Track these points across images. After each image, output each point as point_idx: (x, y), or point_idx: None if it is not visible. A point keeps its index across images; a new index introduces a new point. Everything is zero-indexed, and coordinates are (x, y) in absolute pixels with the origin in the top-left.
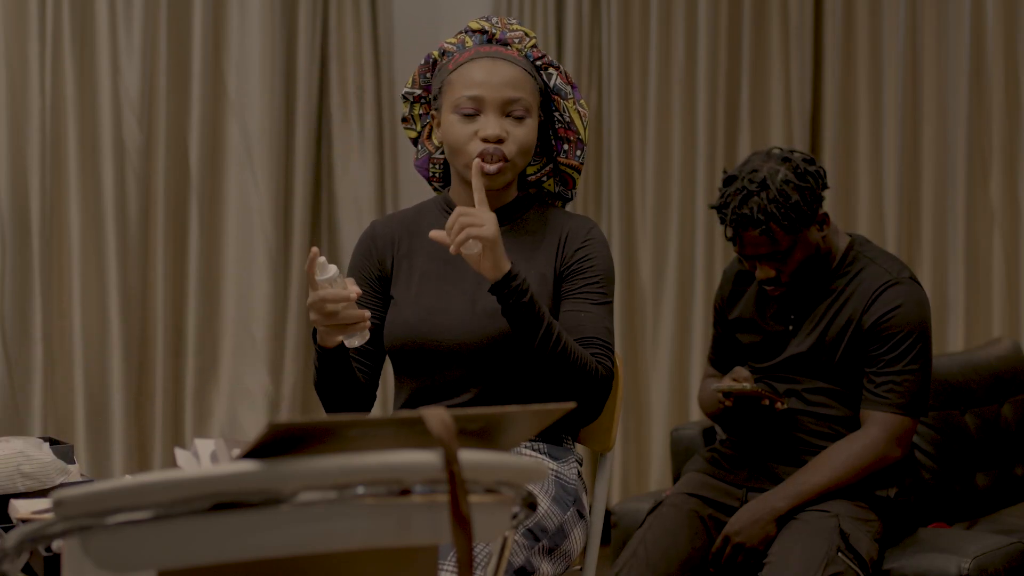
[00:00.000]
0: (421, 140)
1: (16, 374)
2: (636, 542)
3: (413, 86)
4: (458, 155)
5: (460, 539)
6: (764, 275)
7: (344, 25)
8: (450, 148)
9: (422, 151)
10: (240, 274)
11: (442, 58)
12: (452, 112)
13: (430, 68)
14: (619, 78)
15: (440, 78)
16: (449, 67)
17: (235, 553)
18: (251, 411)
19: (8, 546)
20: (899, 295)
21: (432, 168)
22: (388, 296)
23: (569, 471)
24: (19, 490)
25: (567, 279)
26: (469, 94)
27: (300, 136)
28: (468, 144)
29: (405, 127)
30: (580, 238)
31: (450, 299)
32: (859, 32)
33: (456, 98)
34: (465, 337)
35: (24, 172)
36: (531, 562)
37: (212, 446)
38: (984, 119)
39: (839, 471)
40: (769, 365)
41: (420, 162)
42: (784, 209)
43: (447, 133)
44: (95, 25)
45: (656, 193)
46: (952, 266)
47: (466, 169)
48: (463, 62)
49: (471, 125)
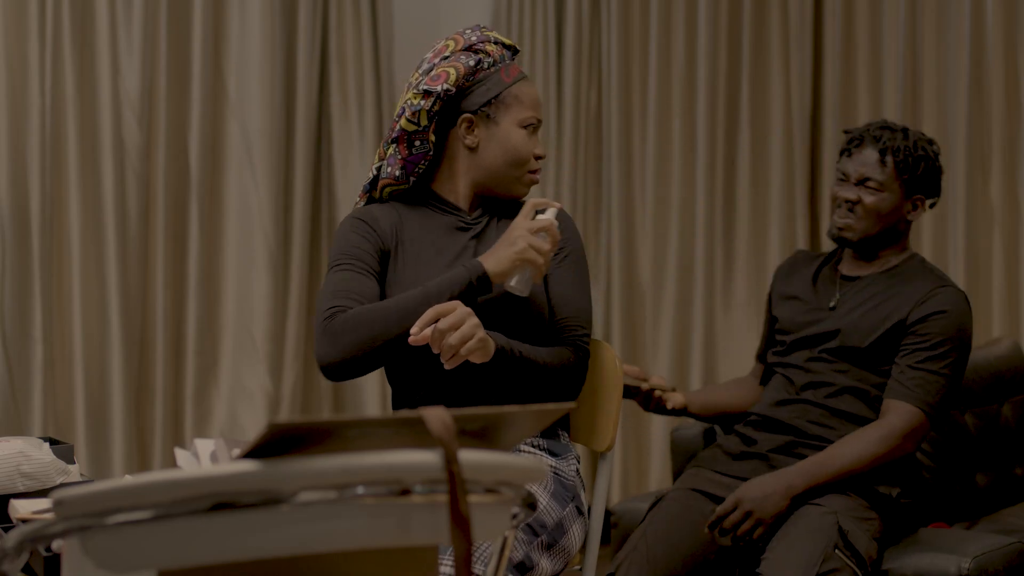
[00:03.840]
0: (423, 136)
1: (16, 374)
2: (637, 537)
3: (454, 84)
4: (518, 167)
5: (459, 539)
6: (848, 195)
7: (344, 25)
8: (513, 159)
9: (422, 146)
10: (240, 274)
11: (492, 67)
12: (520, 126)
13: (474, 71)
14: (619, 78)
15: (495, 86)
16: (505, 79)
17: (235, 553)
18: (251, 411)
19: (8, 546)
20: (950, 301)
21: (421, 164)
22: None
23: (568, 468)
24: (19, 490)
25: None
26: (537, 115)
27: (300, 136)
28: (530, 159)
29: (409, 120)
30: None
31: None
32: (859, 32)
33: (527, 115)
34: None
35: (24, 172)
36: (530, 557)
37: (212, 446)
38: (984, 119)
39: (858, 456)
40: (800, 337)
41: (416, 156)
42: (909, 153)
43: (515, 145)
44: (95, 25)
45: (656, 193)
46: (952, 266)
47: (517, 180)
48: (518, 79)
49: (533, 141)
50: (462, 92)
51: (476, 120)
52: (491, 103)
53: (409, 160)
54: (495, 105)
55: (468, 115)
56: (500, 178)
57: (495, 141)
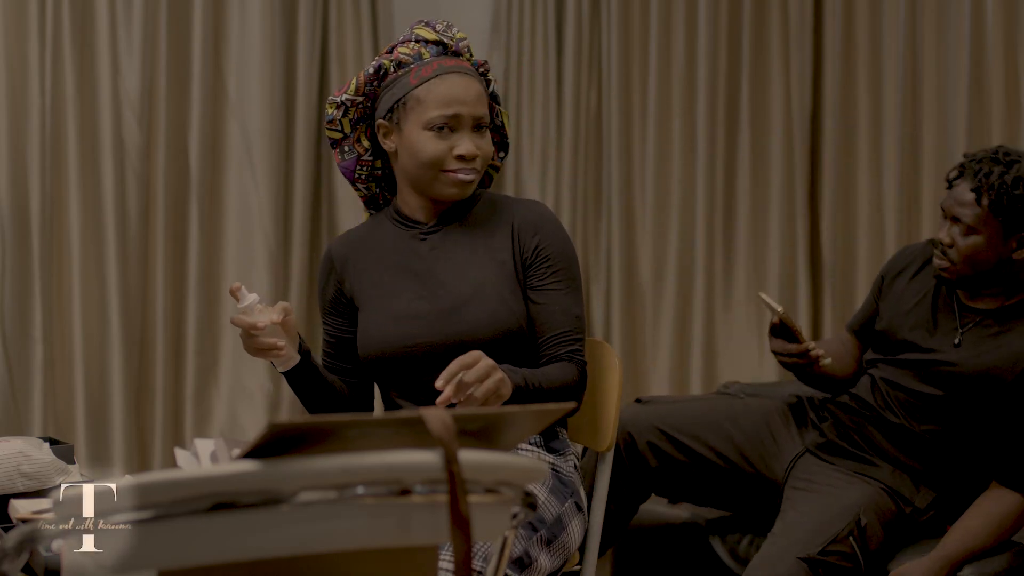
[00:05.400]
0: (349, 143)
1: (16, 374)
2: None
3: (356, 93)
4: (429, 170)
5: (459, 539)
6: (942, 237)
7: (344, 25)
8: (421, 163)
9: (350, 153)
10: (240, 274)
11: (397, 69)
12: (425, 128)
13: (379, 78)
14: (619, 78)
15: (400, 90)
16: (412, 81)
17: (235, 553)
18: (251, 411)
19: (8, 546)
20: None
21: (360, 170)
22: (355, 313)
23: (566, 465)
24: (19, 490)
25: (530, 268)
26: (446, 112)
27: (300, 136)
28: (444, 161)
29: (330, 128)
30: (532, 224)
31: (411, 305)
32: (859, 32)
33: (431, 116)
34: (433, 338)
35: (24, 172)
36: (529, 553)
37: (212, 446)
38: (984, 119)
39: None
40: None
41: (348, 163)
42: (1005, 191)
43: (419, 149)
44: (95, 25)
45: (656, 193)
46: None
47: (434, 182)
48: (429, 77)
49: (445, 141)
50: (376, 99)
51: (389, 127)
52: (395, 108)
53: (344, 167)
54: (398, 110)
55: (381, 122)
56: (419, 183)
57: (403, 147)
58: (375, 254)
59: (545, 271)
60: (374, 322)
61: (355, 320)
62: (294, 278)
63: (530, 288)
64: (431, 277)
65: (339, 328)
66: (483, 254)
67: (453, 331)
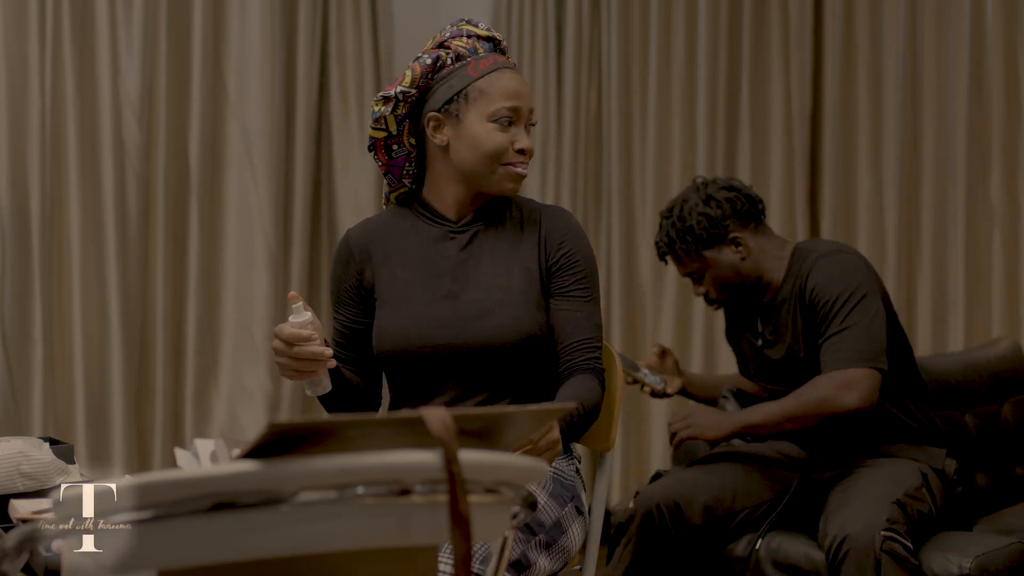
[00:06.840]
0: (397, 140)
1: (16, 374)
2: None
3: (411, 85)
4: (490, 162)
5: (459, 539)
6: (697, 293)
7: (344, 25)
8: (483, 155)
9: (400, 150)
10: (240, 274)
11: (455, 62)
12: (488, 120)
13: (435, 70)
14: (619, 78)
15: (460, 82)
16: (471, 73)
17: (235, 553)
18: (251, 411)
19: (8, 546)
20: (822, 268)
21: (408, 167)
22: (372, 304)
23: (567, 468)
24: (19, 490)
25: (554, 275)
26: (509, 105)
27: (300, 136)
28: (506, 153)
29: (375, 128)
30: (560, 231)
31: (433, 305)
32: (859, 32)
33: (496, 107)
34: (454, 340)
35: (24, 172)
36: (527, 556)
37: (212, 446)
38: (984, 119)
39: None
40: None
41: (397, 161)
42: (682, 233)
43: (483, 140)
44: (95, 25)
45: (656, 193)
46: (952, 266)
47: (492, 175)
48: (490, 70)
49: (506, 134)
50: (428, 91)
51: (443, 119)
52: (454, 100)
53: (392, 165)
54: (458, 101)
55: (434, 114)
56: (476, 176)
57: (462, 138)
58: (397, 246)
59: (570, 278)
60: (394, 318)
61: (371, 311)
62: (294, 278)
63: (554, 295)
64: (457, 278)
65: (353, 319)
66: (511, 259)
67: (475, 335)
